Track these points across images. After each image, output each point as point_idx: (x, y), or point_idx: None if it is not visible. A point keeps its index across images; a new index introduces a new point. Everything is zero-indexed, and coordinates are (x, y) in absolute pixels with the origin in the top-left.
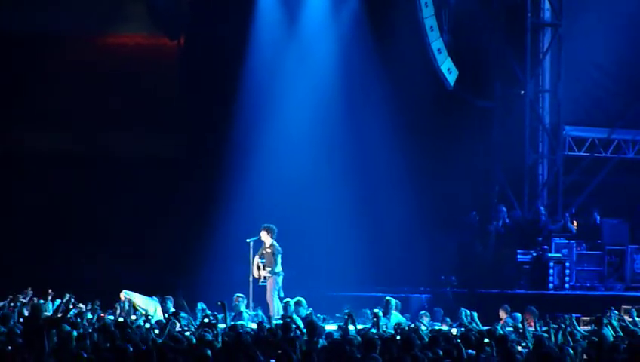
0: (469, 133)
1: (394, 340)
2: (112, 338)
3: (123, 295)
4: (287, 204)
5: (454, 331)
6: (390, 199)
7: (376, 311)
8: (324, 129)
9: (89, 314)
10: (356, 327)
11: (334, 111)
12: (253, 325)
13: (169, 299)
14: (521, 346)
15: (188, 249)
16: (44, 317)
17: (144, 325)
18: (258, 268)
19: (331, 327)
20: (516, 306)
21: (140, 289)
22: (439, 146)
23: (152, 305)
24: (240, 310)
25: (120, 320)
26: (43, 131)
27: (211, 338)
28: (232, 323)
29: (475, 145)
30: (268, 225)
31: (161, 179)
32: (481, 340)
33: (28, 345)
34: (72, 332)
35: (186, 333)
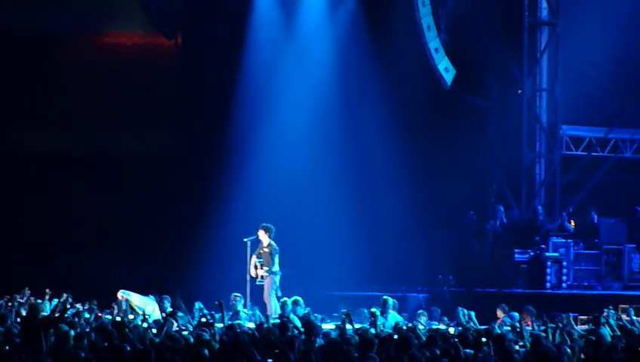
0: (466, 133)
1: (391, 339)
2: (110, 338)
3: (120, 294)
4: (284, 203)
5: (452, 330)
6: (387, 198)
7: (374, 310)
8: (321, 128)
9: (86, 314)
10: (354, 327)
11: (332, 111)
12: (250, 324)
13: (166, 298)
14: (519, 345)
15: (185, 248)
16: (41, 317)
17: (141, 324)
18: (255, 268)
19: (329, 327)
20: (514, 305)
21: (139, 289)
22: (436, 145)
23: (150, 304)
24: (237, 309)
25: (117, 319)
26: (43, 131)
27: (209, 338)
28: (230, 323)
29: (473, 144)
30: (266, 224)
31: (160, 178)
32: (479, 339)
33: (25, 344)
34: (70, 332)
35: (184, 333)
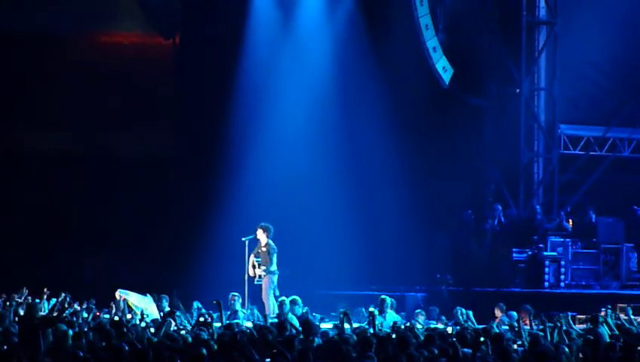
0: (464, 132)
1: (389, 339)
2: (108, 337)
3: (118, 294)
4: (282, 202)
5: (450, 330)
6: (385, 198)
7: (372, 309)
8: (319, 128)
9: (84, 313)
10: (352, 326)
11: (329, 110)
12: (248, 324)
13: (164, 297)
14: (517, 345)
15: (183, 247)
16: (39, 317)
17: (140, 324)
18: (253, 267)
19: (327, 326)
20: (512, 305)
21: (139, 289)
22: (435, 145)
23: (147, 303)
24: (235, 309)
25: (115, 319)
26: (43, 131)
27: (207, 337)
28: (228, 322)
29: (471, 143)
30: (264, 224)
31: (160, 178)
32: (477, 339)
33: (23, 344)
34: (68, 332)
35: (182, 332)
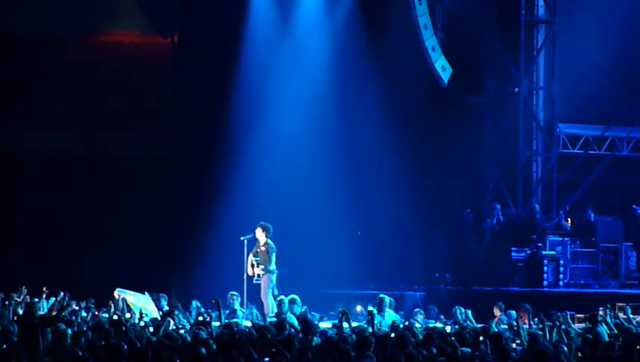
0: (463, 131)
1: (388, 338)
2: (107, 337)
3: (117, 293)
4: (281, 201)
5: (449, 329)
6: (384, 197)
7: (371, 308)
8: (317, 127)
9: (83, 312)
10: (350, 325)
11: (328, 110)
12: (247, 323)
13: (163, 296)
14: (516, 344)
15: (182, 246)
16: (38, 316)
17: (138, 323)
18: (252, 266)
19: (326, 325)
20: (510, 304)
21: (139, 289)
22: (433, 144)
23: (146, 301)
24: (234, 308)
25: (114, 318)
26: (43, 131)
27: (206, 336)
28: (227, 321)
29: (469, 142)
30: (264, 223)
31: (160, 178)
32: (476, 338)
33: (22, 343)
34: (67, 331)
35: (181, 331)
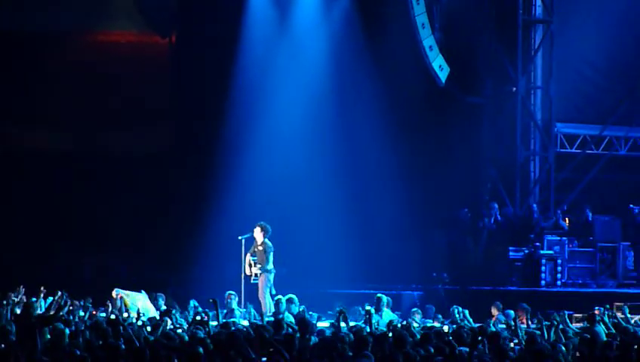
0: (460, 130)
1: (386, 337)
2: (105, 336)
3: (114, 293)
4: (279, 201)
5: (446, 328)
6: (381, 196)
7: (368, 308)
8: (315, 126)
9: (81, 312)
10: (348, 324)
11: (326, 109)
12: (245, 322)
13: (160, 296)
14: (514, 343)
15: (180, 246)
16: (36, 315)
17: (136, 322)
18: (250, 266)
19: (324, 325)
20: (508, 303)
21: (139, 289)
22: (431, 143)
23: (143, 301)
24: (232, 307)
25: (112, 317)
26: (43, 131)
27: (203, 336)
28: (224, 321)
29: (467, 142)
30: (263, 223)
31: (160, 178)
32: (474, 337)
33: (20, 342)
34: (65, 330)
35: (178, 331)
